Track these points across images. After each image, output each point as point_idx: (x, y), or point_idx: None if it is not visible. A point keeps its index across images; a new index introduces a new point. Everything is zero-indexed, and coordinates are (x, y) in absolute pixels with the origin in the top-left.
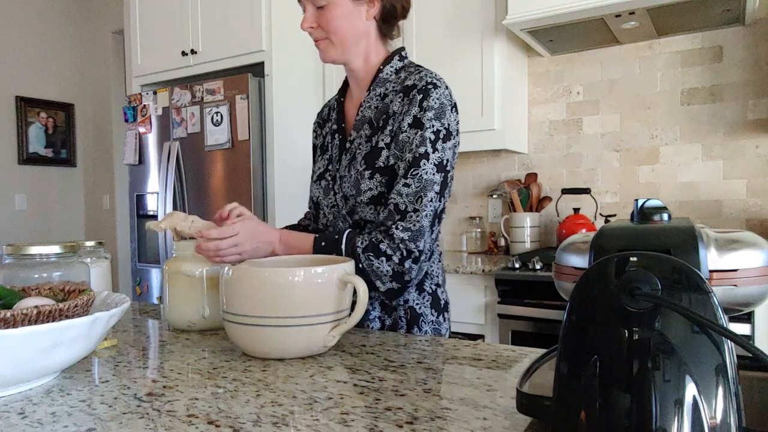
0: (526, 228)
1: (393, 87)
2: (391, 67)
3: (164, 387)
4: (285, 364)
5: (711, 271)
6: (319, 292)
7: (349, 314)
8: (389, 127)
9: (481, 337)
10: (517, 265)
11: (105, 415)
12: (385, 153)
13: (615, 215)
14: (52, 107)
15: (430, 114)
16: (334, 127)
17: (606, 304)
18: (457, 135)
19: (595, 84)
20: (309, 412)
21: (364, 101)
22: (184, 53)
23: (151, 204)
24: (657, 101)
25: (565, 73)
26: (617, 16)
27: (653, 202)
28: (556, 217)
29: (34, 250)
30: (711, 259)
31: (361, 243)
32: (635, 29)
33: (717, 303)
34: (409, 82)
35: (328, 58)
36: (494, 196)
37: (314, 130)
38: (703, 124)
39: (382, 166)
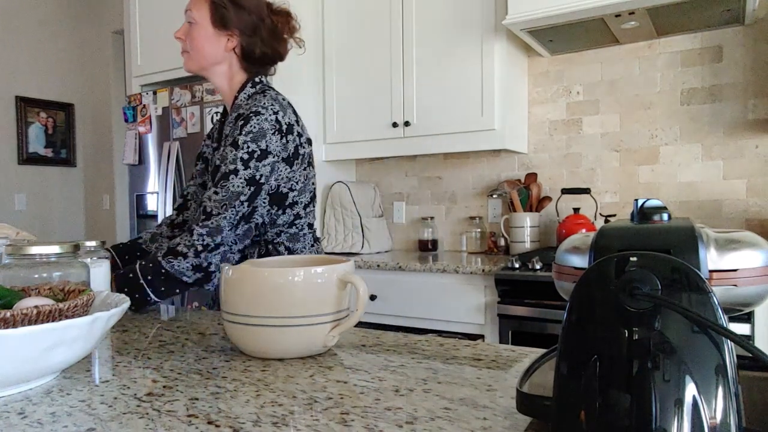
0: (526, 228)
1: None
2: (245, 93)
3: (164, 387)
4: (285, 364)
5: (711, 271)
6: (319, 292)
7: (349, 314)
8: (222, 149)
9: (481, 337)
10: (517, 265)
11: (105, 415)
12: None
13: (615, 215)
14: (51, 107)
15: (247, 138)
16: (215, 144)
17: (606, 304)
18: (282, 154)
19: (595, 84)
20: (309, 412)
21: (225, 124)
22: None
23: (151, 204)
24: (657, 101)
25: (565, 73)
26: (617, 16)
27: (653, 202)
28: (556, 217)
29: (34, 250)
30: (711, 259)
31: (160, 253)
32: (635, 29)
33: (717, 303)
34: (242, 111)
35: (186, 68)
36: (494, 196)
37: (203, 140)
38: (702, 124)
39: None
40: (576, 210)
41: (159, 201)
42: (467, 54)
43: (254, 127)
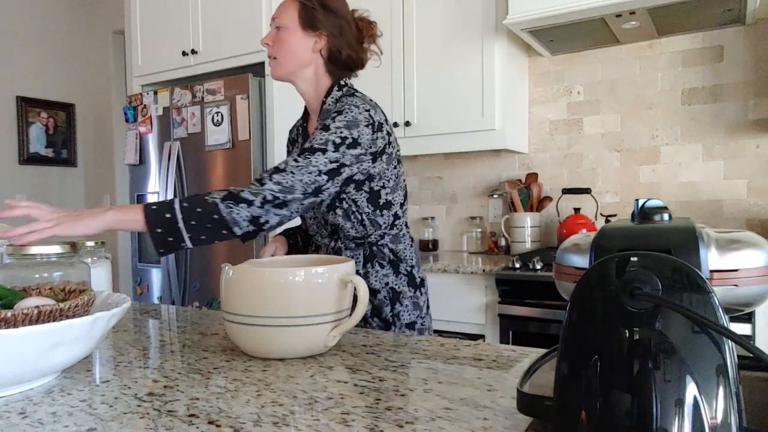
0: (527, 228)
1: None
2: (332, 97)
3: (165, 387)
4: (285, 363)
5: (712, 271)
6: (320, 292)
7: (350, 314)
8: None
9: (482, 337)
10: (517, 265)
11: (106, 415)
12: None
13: (615, 215)
14: (52, 107)
15: (340, 124)
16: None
17: (606, 304)
18: (370, 148)
19: (596, 84)
20: (309, 412)
21: (314, 129)
22: (184, 53)
23: None
24: (657, 101)
25: (565, 73)
26: (618, 15)
27: (654, 202)
28: (557, 217)
29: (35, 249)
30: (712, 259)
31: (218, 194)
32: (636, 29)
33: (718, 303)
34: (336, 107)
35: (274, 75)
36: (495, 196)
37: (287, 146)
38: (703, 124)
39: None
40: (577, 210)
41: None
42: (468, 54)
43: (348, 117)
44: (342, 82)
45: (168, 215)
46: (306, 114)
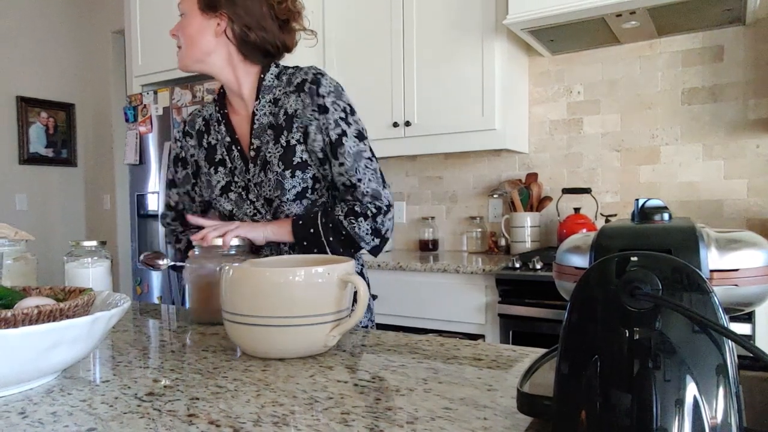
0: (527, 228)
1: (282, 90)
2: (271, 74)
3: (165, 387)
4: (285, 363)
5: (712, 271)
6: (320, 291)
7: (350, 314)
8: (295, 125)
9: (482, 336)
10: (517, 265)
11: (106, 415)
12: (299, 149)
13: (615, 215)
14: (52, 107)
15: (330, 98)
16: (228, 139)
17: (606, 303)
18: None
19: (596, 84)
20: (309, 411)
21: (256, 110)
22: None
23: (152, 204)
24: (657, 101)
25: (565, 72)
26: (618, 15)
27: (654, 202)
28: (557, 217)
29: (219, 241)
30: (712, 258)
31: (341, 210)
32: (636, 29)
33: (718, 303)
34: (297, 80)
35: (181, 65)
36: (495, 196)
37: (178, 140)
38: (703, 123)
39: (300, 161)
40: (577, 210)
41: (160, 201)
42: (468, 54)
43: (329, 87)
44: (278, 62)
45: (312, 230)
46: (222, 100)
